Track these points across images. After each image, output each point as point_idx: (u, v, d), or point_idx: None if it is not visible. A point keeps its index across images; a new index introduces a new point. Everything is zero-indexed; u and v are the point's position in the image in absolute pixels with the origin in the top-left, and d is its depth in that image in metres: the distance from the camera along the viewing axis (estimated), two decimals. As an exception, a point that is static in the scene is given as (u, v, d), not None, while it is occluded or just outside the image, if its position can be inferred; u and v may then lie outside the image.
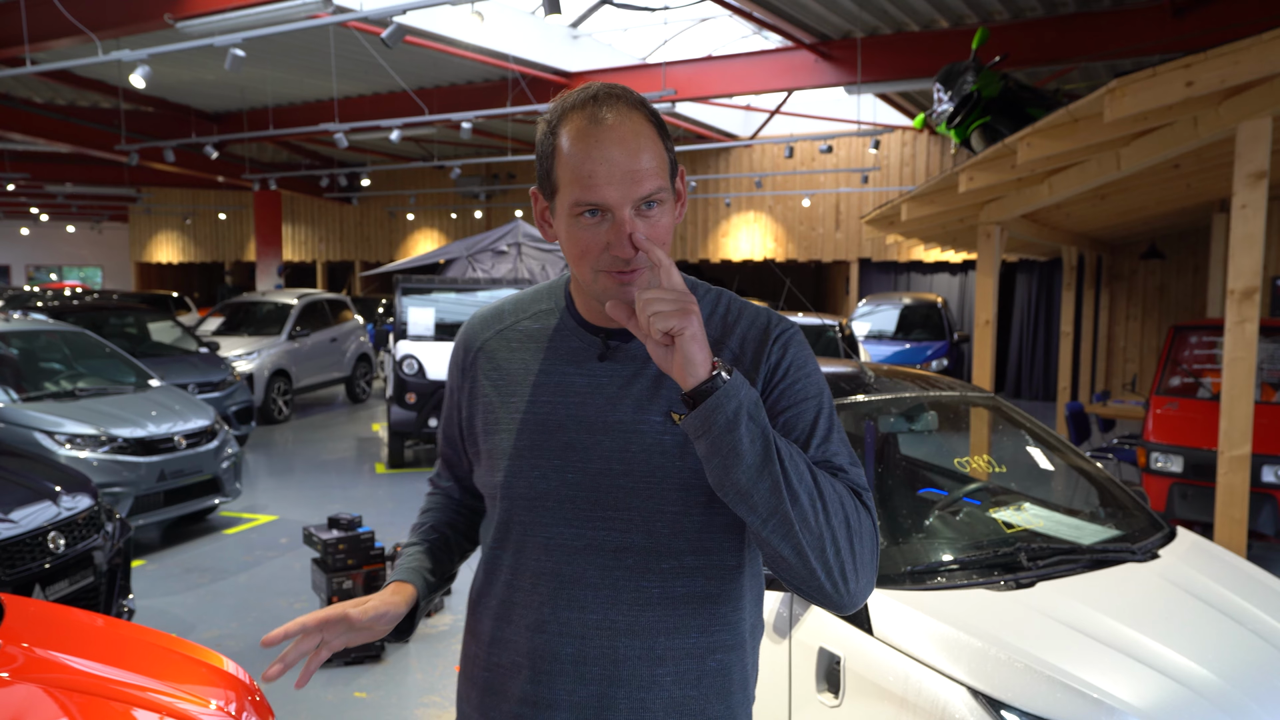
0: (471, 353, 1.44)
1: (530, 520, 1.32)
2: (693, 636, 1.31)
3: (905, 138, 15.51)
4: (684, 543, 1.28)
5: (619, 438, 1.29)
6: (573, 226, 1.23)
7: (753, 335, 1.34)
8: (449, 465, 1.56)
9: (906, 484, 3.52)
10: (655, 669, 1.30)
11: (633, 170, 1.20)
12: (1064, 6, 8.77)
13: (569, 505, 1.30)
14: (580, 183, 1.20)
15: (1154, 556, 2.62)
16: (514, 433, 1.34)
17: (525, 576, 1.33)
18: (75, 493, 4.15)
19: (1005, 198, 6.22)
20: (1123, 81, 3.94)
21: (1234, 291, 3.98)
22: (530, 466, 1.32)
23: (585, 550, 1.29)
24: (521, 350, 1.39)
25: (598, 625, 1.29)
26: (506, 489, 1.33)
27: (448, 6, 7.91)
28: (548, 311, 1.40)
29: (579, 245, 1.23)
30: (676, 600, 1.29)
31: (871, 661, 2.19)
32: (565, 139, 1.22)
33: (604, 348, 1.33)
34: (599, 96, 1.23)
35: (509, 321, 1.43)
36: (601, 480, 1.29)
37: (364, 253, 22.16)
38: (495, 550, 1.38)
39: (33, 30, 8.80)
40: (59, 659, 2.34)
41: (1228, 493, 4.01)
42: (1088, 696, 1.97)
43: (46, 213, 26.93)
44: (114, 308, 10.39)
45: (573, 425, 1.31)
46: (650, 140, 1.23)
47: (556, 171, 1.24)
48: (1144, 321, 13.17)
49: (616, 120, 1.21)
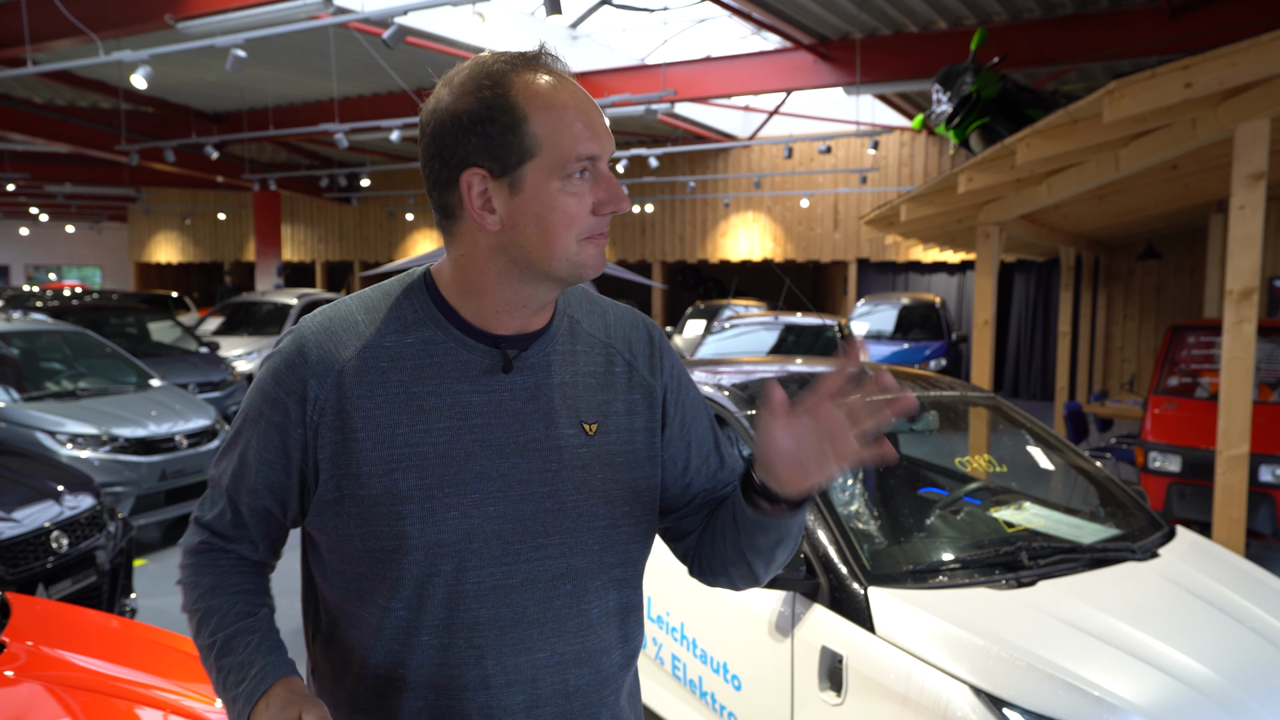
0: (326, 379, 1.14)
1: (455, 568, 1.14)
2: (621, 649, 1.26)
3: (904, 138, 15.52)
4: (613, 556, 1.23)
5: (536, 458, 1.17)
6: (561, 191, 1.10)
7: (638, 339, 1.30)
8: (257, 522, 1.23)
9: (907, 483, 3.53)
10: (602, 691, 1.24)
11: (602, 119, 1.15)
12: (1062, 8, 8.78)
13: (496, 542, 1.15)
14: (573, 137, 1.10)
15: (1154, 555, 2.64)
16: (415, 470, 1.13)
17: (458, 632, 1.15)
18: (77, 492, 4.16)
19: (1004, 198, 6.24)
20: (1121, 83, 3.95)
21: (1232, 292, 4.00)
22: (445, 507, 1.13)
23: (521, 586, 1.16)
24: (396, 370, 1.15)
25: (546, 663, 1.18)
26: (423, 537, 1.13)
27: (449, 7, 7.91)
28: (417, 321, 1.18)
29: (568, 212, 1.11)
30: (610, 615, 1.24)
31: (874, 660, 2.20)
32: (526, 99, 1.10)
33: (505, 359, 1.17)
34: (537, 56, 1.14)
35: (368, 336, 1.16)
36: (525, 508, 1.16)
37: (363, 253, 22.16)
38: (405, 613, 1.15)
39: (33, 31, 8.80)
40: (64, 657, 2.35)
41: (1226, 492, 4.03)
42: (1089, 694, 1.98)
43: (46, 213, 26.90)
44: (114, 308, 10.39)
45: (481, 452, 1.15)
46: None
47: (528, 134, 1.09)
48: (1142, 321, 13.20)
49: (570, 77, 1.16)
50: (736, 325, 9.61)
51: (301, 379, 1.15)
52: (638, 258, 18.33)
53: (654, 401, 1.28)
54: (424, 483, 1.13)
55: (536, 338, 1.21)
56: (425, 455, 1.14)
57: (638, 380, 1.27)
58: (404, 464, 1.13)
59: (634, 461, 1.25)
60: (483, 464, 1.15)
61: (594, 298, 1.33)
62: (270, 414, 1.17)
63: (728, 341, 9.15)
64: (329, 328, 1.18)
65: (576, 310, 1.28)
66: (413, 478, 1.13)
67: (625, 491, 1.23)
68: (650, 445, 1.27)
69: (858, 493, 2.99)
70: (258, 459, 1.18)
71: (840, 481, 3.08)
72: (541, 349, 1.21)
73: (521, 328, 1.20)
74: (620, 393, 1.25)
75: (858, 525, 2.72)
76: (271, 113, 14.21)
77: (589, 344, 1.25)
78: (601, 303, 1.32)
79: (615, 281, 18.83)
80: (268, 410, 1.17)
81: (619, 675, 1.26)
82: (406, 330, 1.17)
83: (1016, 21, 9.07)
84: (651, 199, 17.70)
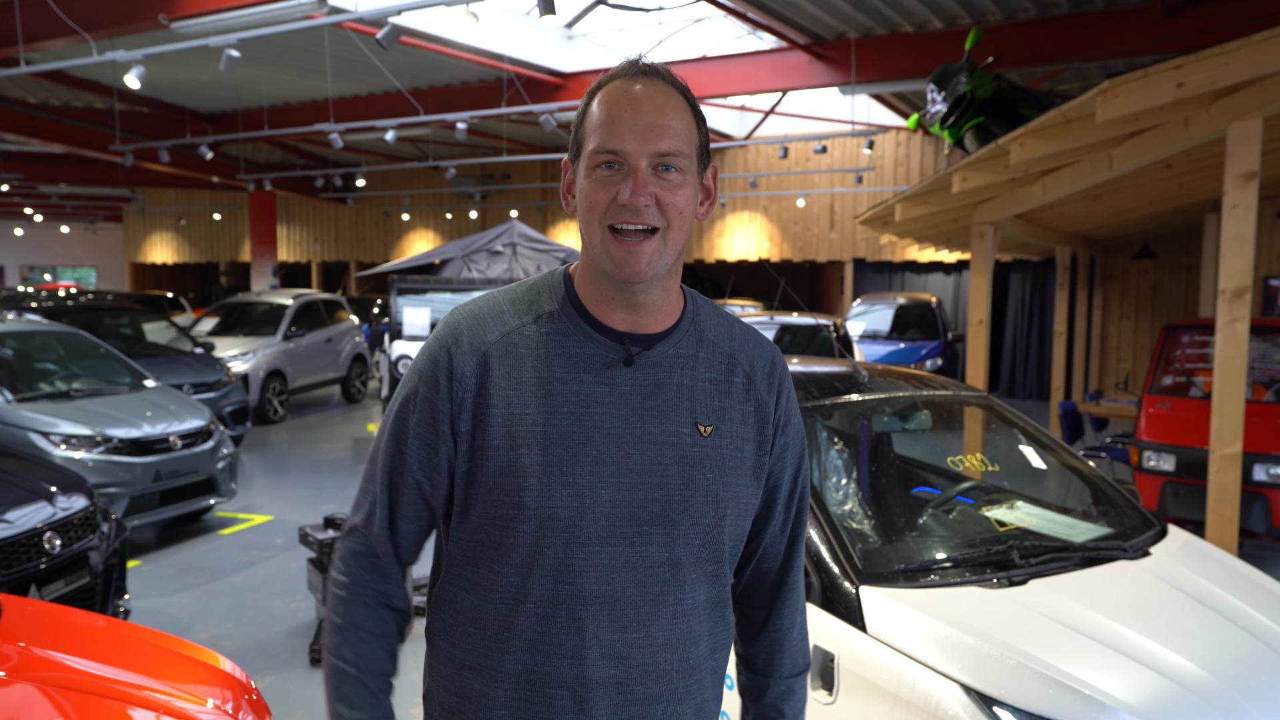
0: (474, 358, 1.26)
1: (565, 542, 1.23)
2: (708, 641, 1.34)
3: (899, 138, 15.54)
4: (709, 552, 1.30)
5: (649, 450, 1.26)
6: (588, 181, 1.23)
7: (760, 357, 1.38)
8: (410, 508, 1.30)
9: (900, 483, 3.54)
10: (689, 679, 1.31)
11: (655, 124, 1.21)
12: (1056, 7, 8.80)
13: (604, 523, 1.24)
14: (602, 132, 1.21)
15: (1145, 554, 2.64)
16: (538, 448, 1.23)
17: (561, 603, 1.24)
18: (71, 493, 4.15)
19: (999, 198, 6.25)
20: (1115, 82, 3.96)
21: (1225, 291, 4.01)
22: (562, 484, 1.23)
23: (623, 568, 1.25)
24: (531, 356, 1.27)
25: (640, 644, 1.26)
26: (538, 509, 1.23)
27: (443, 7, 7.91)
28: (553, 314, 1.30)
29: (590, 199, 1.22)
30: (701, 608, 1.32)
31: (865, 659, 2.21)
32: (599, 101, 1.24)
33: (628, 354, 1.27)
34: (641, 66, 1.26)
35: (513, 324, 1.29)
36: (635, 495, 1.25)
37: (359, 253, 22.14)
38: (515, 579, 1.26)
39: (27, 30, 8.78)
40: (56, 658, 2.34)
41: (1219, 491, 4.04)
42: (1080, 693, 1.99)
43: (41, 213, 26.84)
44: (109, 308, 10.38)
45: (600, 438, 1.24)
46: (679, 109, 1.24)
47: (584, 129, 1.25)
48: (1137, 321, 13.22)
49: (651, 86, 1.24)
50: (732, 325, 9.59)
51: (451, 357, 1.27)
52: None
53: (766, 418, 1.36)
54: (545, 460, 1.23)
55: (661, 339, 1.30)
56: (549, 435, 1.24)
57: (754, 394, 1.35)
58: (529, 441, 1.23)
59: (742, 468, 1.32)
60: (599, 449, 1.24)
61: (723, 313, 1.41)
62: (425, 391, 1.28)
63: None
64: (479, 314, 1.30)
65: (704, 320, 1.36)
66: (535, 454, 1.23)
67: (731, 494, 1.31)
68: (759, 457, 1.35)
69: (850, 492, 2.99)
70: (414, 435, 1.28)
71: (833, 480, 3.09)
72: (664, 350, 1.30)
73: (633, 325, 1.29)
74: (736, 401, 1.33)
75: (850, 524, 2.73)
76: (266, 112, 14.19)
77: (712, 351, 1.34)
78: (729, 318, 1.41)
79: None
80: (423, 389, 1.28)
81: (704, 665, 1.33)
82: (543, 321, 1.29)
83: (1011, 21, 9.08)
84: (647, 199, 17.65)
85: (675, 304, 1.33)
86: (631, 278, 1.22)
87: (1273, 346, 6.48)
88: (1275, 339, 6.52)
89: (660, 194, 1.21)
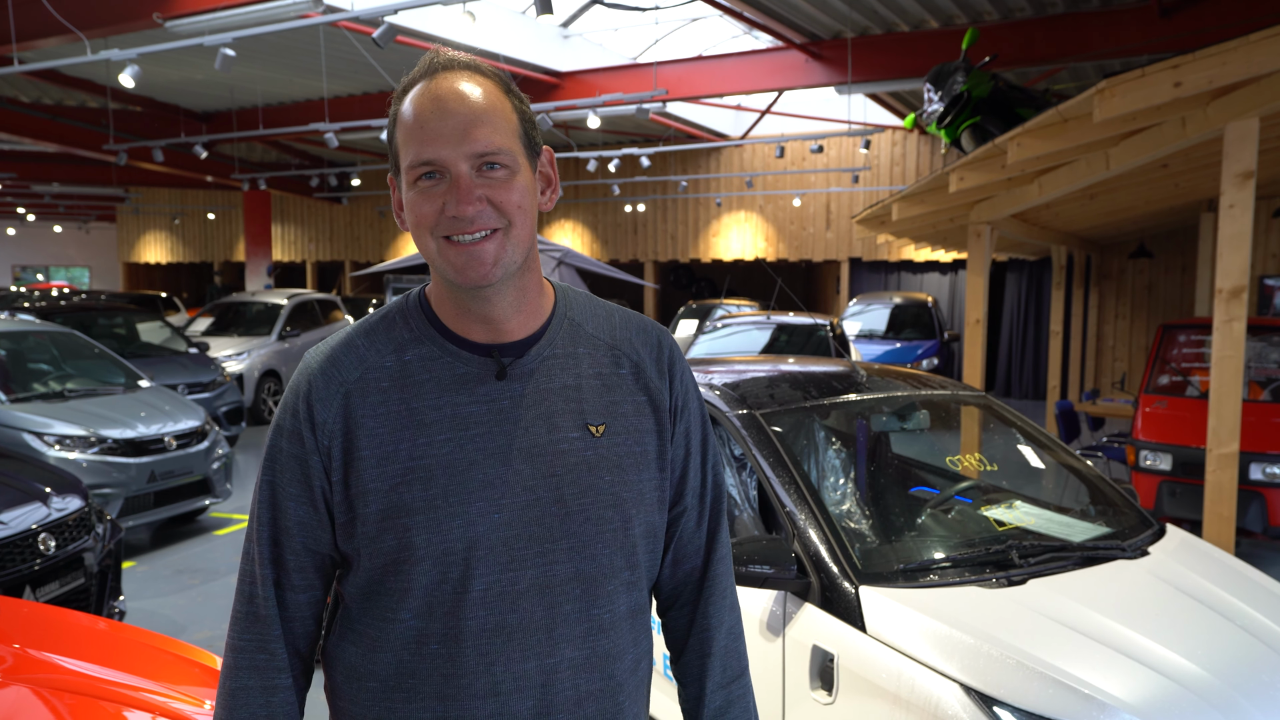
0: (332, 403, 1.17)
1: (461, 575, 1.15)
2: (632, 654, 1.26)
3: (896, 138, 15.55)
4: (622, 559, 1.23)
5: (539, 463, 1.18)
6: (412, 193, 1.15)
7: (646, 343, 1.30)
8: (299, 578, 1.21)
9: (898, 482, 3.54)
10: (617, 697, 1.24)
11: (467, 123, 1.12)
12: (1053, 7, 8.81)
13: (502, 548, 1.16)
14: (414, 141, 1.13)
15: (1143, 554, 2.64)
16: (419, 483, 1.15)
17: (465, 639, 1.16)
18: (65, 494, 4.13)
19: (995, 197, 6.25)
20: (1111, 82, 3.96)
21: (1222, 290, 4.01)
22: (450, 516, 1.14)
23: (529, 592, 1.17)
24: (396, 389, 1.18)
25: (556, 669, 1.19)
26: (429, 547, 1.14)
27: (439, 6, 7.89)
28: (411, 340, 1.21)
29: (416, 212, 1.14)
30: (620, 620, 1.24)
31: (865, 659, 2.20)
32: (405, 107, 1.16)
33: (499, 366, 1.20)
34: (439, 61, 1.17)
35: (372, 359, 1.20)
36: (531, 513, 1.17)
37: (354, 253, 22.10)
38: (414, 622, 1.17)
39: (20, 29, 8.74)
40: (51, 660, 2.33)
41: (1216, 490, 4.04)
42: (1080, 692, 1.98)
43: (33, 212, 26.77)
44: (102, 308, 10.34)
45: (484, 460, 1.16)
46: (493, 100, 1.16)
47: (397, 140, 1.17)
48: (1133, 320, 13.25)
49: (455, 80, 1.15)
50: (729, 325, 9.61)
51: (310, 407, 1.18)
52: (629, 257, 18.32)
53: (661, 405, 1.28)
54: (428, 494, 1.15)
55: (533, 343, 1.22)
56: (429, 468, 1.15)
57: (644, 381, 1.28)
58: (408, 478, 1.15)
59: (643, 462, 1.25)
60: (485, 472, 1.16)
61: (600, 302, 1.34)
62: (289, 447, 1.20)
63: (720, 341, 9.15)
64: (332, 356, 1.21)
65: (578, 314, 1.29)
66: (417, 490, 1.15)
67: (634, 493, 1.23)
68: (660, 448, 1.28)
69: (849, 492, 2.99)
70: (287, 495, 1.20)
71: (832, 480, 3.08)
72: (538, 354, 1.22)
73: (498, 335, 1.21)
74: (628, 393, 1.26)
75: (849, 524, 2.72)
76: (261, 112, 14.16)
77: (592, 345, 1.26)
78: (608, 307, 1.34)
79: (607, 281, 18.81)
80: (286, 445, 1.20)
81: (629, 679, 1.26)
82: (404, 349, 1.21)
83: (1008, 21, 9.09)
84: (643, 198, 17.69)
85: (540, 304, 1.25)
86: (478, 281, 1.15)
87: (1269, 346, 6.49)
88: (1272, 338, 6.53)
89: (490, 194, 1.13)
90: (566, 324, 1.26)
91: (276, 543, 1.20)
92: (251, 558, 1.22)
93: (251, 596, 1.21)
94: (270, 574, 1.21)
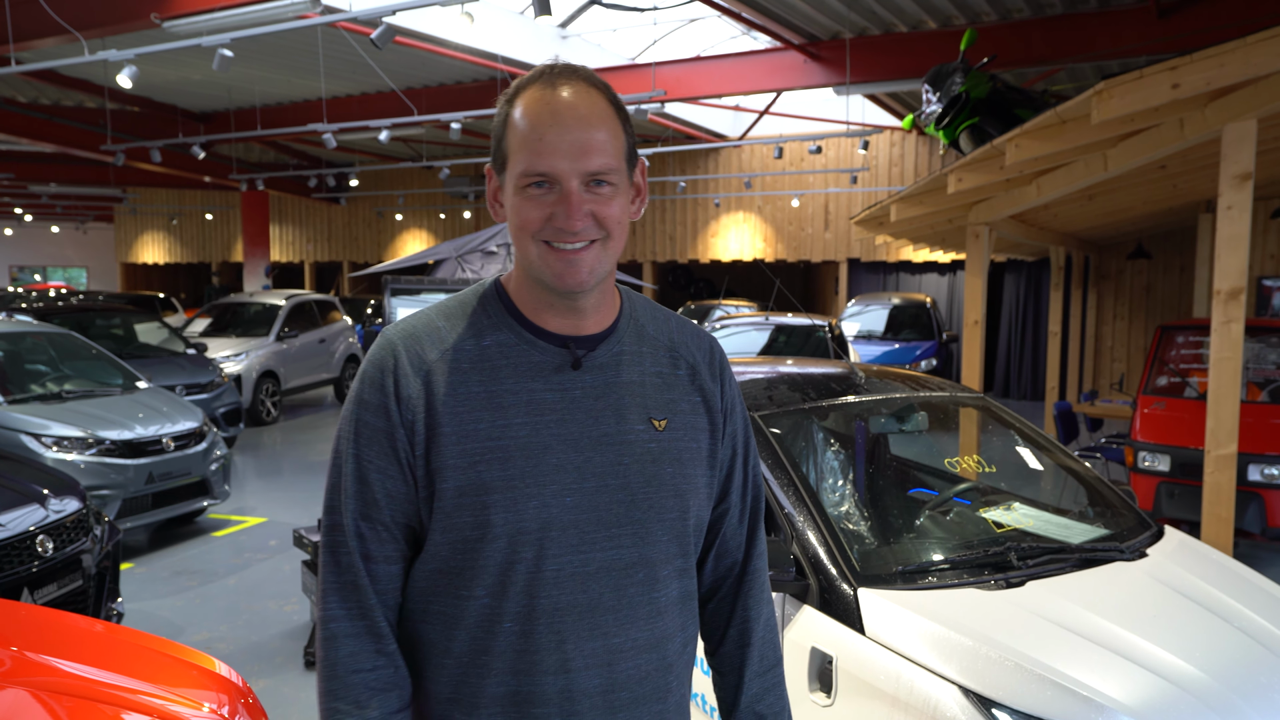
0: (416, 379, 1.22)
1: (536, 555, 1.21)
2: (680, 636, 1.34)
3: (894, 138, 15.56)
4: (676, 546, 1.31)
5: (609, 451, 1.25)
6: (519, 198, 1.21)
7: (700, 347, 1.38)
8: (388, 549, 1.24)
9: (897, 484, 3.54)
10: (668, 676, 1.31)
11: (583, 141, 1.18)
12: (1051, 8, 8.82)
13: (573, 531, 1.22)
14: (528, 150, 1.18)
15: (1142, 555, 2.64)
16: (498, 462, 1.20)
17: (539, 618, 1.22)
18: (63, 496, 4.12)
19: (993, 198, 6.25)
20: (1109, 83, 3.96)
21: (1220, 291, 4.01)
22: (527, 497, 1.20)
23: (597, 574, 1.24)
24: (475, 371, 1.23)
25: (621, 648, 1.26)
26: (506, 525, 1.20)
27: (437, 7, 7.88)
28: (490, 326, 1.27)
29: (521, 216, 1.21)
30: (673, 604, 1.31)
31: (863, 661, 2.20)
32: (518, 110, 1.21)
33: (574, 357, 1.26)
34: (557, 70, 1.22)
35: (451, 340, 1.25)
36: (600, 498, 1.24)
37: (352, 253, 22.08)
38: (488, 600, 1.22)
39: (17, 29, 8.73)
40: (49, 662, 2.32)
41: (1214, 491, 4.04)
42: (1078, 694, 1.98)
43: (31, 213, 26.73)
44: (100, 309, 10.33)
45: (558, 445, 1.22)
46: (606, 119, 1.21)
47: (507, 141, 1.22)
48: (1131, 321, 13.26)
49: (573, 94, 1.20)
50: (727, 326, 9.61)
51: (396, 382, 1.22)
52: (628, 258, 18.32)
53: (714, 405, 1.37)
54: (505, 474, 1.20)
55: (603, 339, 1.29)
56: (506, 449, 1.21)
57: (700, 383, 1.36)
58: (486, 457, 1.20)
59: (698, 458, 1.33)
60: (559, 457, 1.22)
61: (657, 306, 1.42)
62: (374, 421, 1.23)
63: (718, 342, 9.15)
64: (415, 334, 1.25)
65: (642, 315, 1.37)
66: (495, 469, 1.20)
67: (691, 486, 1.31)
68: (712, 446, 1.36)
69: (848, 493, 2.99)
70: (374, 468, 1.22)
71: (830, 482, 3.08)
72: (609, 349, 1.29)
73: (574, 329, 1.28)
74: (684, 392, 1.34)
75: (847, 526, 2.72)
76: (259, 112, 14.14)
77: (654, 346, 1.34)
78: (665, 311, 1.42)
79: (606, 281, 18.75)
80: (371, 418, 1.23)
81: (679, 660, 1.34)
82: (483, 334, 1.26)
83: (1006, 21, 9.10)
84: (642, 199, 17.64)
85: (613, 303, 1.33)
86: (574, 288, 1.22)
87: (1267, 347, 6.50)
88: (1270, 339, 6.54)
89: (595, 209, 1.20)
90: (633, 324, 1.34)
91: (365, 516, 1.23)
92: (341, 529, 1.24)
93: (347, 566, 1.23)
94: (358, 546, 1.23)
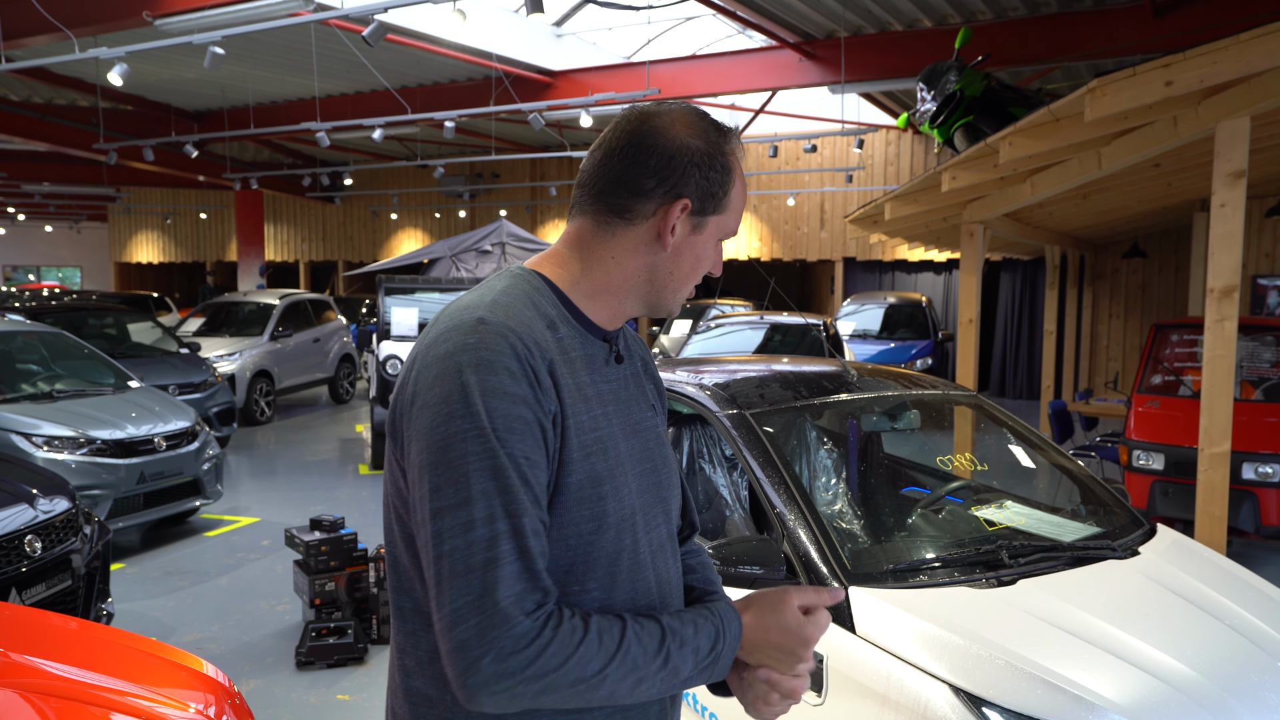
0: (544, 365, 1.15)
1: (632, 540, 1.24)
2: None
3: (889, 137, 15.56)
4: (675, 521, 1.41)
5: (644, 438, 1.33)
6: (711, 243, 1.31)
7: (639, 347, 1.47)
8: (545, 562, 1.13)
9: (889, 482, 3.53)
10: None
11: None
12: (1046, 6, 8.82)
13: (642, 513, 1.28)
14: (737, 215, 1.32)
15: (1134, 553, 2.64)
16: (600, 454, 1.22)
17: (639, 604, 1.25)
18: (53, 495, 4.10)
19: (988, 197, 6.25)
20: (1103, 81, 3.96)
21: (1213, 290, 4.01)
22: (625, 484, 1.24)
23: (658, 551, 1.31)
24: (562, 363, 1.21)
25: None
26: (615, 515, 1.21)
27: (430, 4, 7.87)
28: (559, 319, 1.24)
29: (705, 260, 1.32)
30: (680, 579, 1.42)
31: (854, 660, 2.19)
32: (738, 169, 1.30)
33: (615, 351, 1.33)
34: (736, 132, 1.33)
35: (539, 328, 1.19)
36: (646, 481, 1.31)
37: (347, 252, 22.04)
38: (599, 594, 1.20)
39: (8, 28, 8.70)
40: (36, 664, 2.31)
41: (1208, 490, 4.04)
42: (1069, 693, 1.98)
43: (24, 212, 26.64)
44: (93, 308, 10.30)
45: (621, 434, 1.28)
46: None
47: (731, 196, 1.29)
48: (1126, 320, 13.28)
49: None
50: (722, 325, 9.61)
51: (535, 371, 1.13)
52: (623, 257, 18.28)
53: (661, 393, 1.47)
54: (608, 463, 1.22)
55: (617, 335, 1.36)
56: (603, 439, 1.23)
57: (651, 374, 1.45)
58: (595, 448, 1.21)
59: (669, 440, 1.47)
60: (624, 444, 1.28)
61: None
62: (523, 413, 1.11)
63: (714, 341, 9.15)
64: (523, 320, 1.17)
65: None
66: (600, 460, 1.21)
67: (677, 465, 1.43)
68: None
69: (839, 492, 2.98)
70: (531, 466, 1.11)
71: (822, 480, 3.07)
72: (623, 343, 1.37)
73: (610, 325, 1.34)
74: (650, 382, 1.44)
75: (839, 524, 2.71)
76: (252, 111, 14.11)
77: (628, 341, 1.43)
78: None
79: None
80: (520, 410, 1.10)
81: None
82: (555, 326, 1.23)
83: (1001, 20, 9.10)
84: (637, 198, 17.63)
85: None
86: (673, 314, 1.39)
87: (1261, 345, 6.51)
88: (1264, 338, 6.55)
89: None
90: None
91: (515, 517, 1.09)
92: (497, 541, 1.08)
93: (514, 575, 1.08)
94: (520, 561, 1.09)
